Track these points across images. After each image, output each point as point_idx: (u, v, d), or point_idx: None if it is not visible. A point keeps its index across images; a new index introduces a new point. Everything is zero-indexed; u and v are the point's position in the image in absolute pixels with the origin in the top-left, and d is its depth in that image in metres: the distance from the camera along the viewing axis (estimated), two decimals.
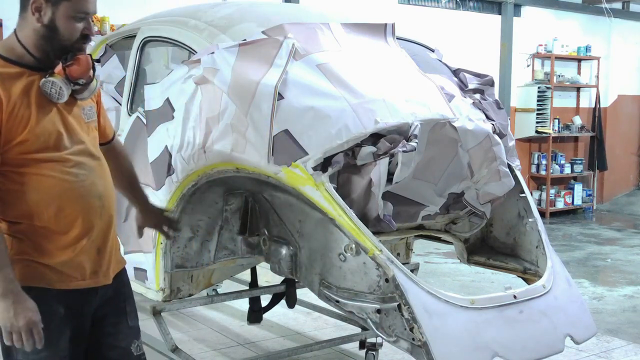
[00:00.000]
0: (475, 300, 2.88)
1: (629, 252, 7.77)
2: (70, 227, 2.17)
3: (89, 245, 2.22)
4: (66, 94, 2.14)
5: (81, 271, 2.22)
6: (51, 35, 2.14)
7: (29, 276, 2.14)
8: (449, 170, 3.46)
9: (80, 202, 2.18)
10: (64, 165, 2.15)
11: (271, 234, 3.43)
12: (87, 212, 2.20)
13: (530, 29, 10.03)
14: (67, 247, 2.18)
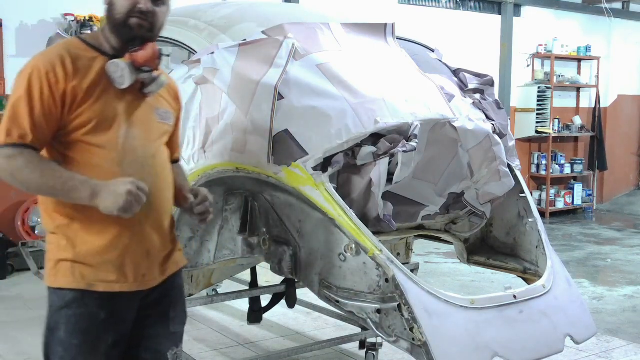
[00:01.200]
0: (475, 300, 2.88)
1: (629, 252, 7.77)
2: (111, 224, 2.05)
3: (134, 246, 2.11)
4: (128, 78, 2.05)
5: (125, 273, 2.11)
6: (110, 12, 2.09)
7: (69, 277, 2.06)
8: (449, 170, 3.46)
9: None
10: (113, 156, 2.06)
11: (271, 234, 3.43)
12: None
13: (530, 29, 10.03)
14: (109, 247, 2.07)
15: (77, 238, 2.06)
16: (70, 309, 2.08)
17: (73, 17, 6.54)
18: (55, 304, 2.11)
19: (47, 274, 2.12)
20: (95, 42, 2.13)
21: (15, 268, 6.20)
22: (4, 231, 6.31)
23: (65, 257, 2.07)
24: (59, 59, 2.02)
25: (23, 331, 4.70)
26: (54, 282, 2.10)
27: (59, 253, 2.08)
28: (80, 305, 2.06)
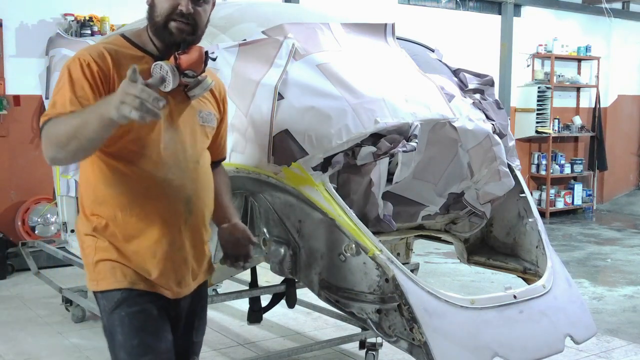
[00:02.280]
0: (475, 300, 2.88)
1: (629, 252, 7.77)
2: (149, 229, 2.00)
3: (173, 253, 2.05)
4: (172, 81, 1.96)
5: (165, 280, 2.05)
6: (151, 13, 2.01)
7: (111, 278, 2.00)
8: (449, 170, 3.46)
9: (164, 203, 2.02)
10: (155, 161, 1.99)
11: (271, 234, 3.42)
12: (170, 216, 2.03)
13: (530, 29, 10.03)
14: (148, 252, 2.01)
15: (116, 241, 2.01)
16: (122, 309, 2.02)
17: (73, 17, 6.54)
18: (106, 308, 2.05)
19: (89, 279, 2.06)
20: (139, 41, 2.06)
21: (15, 268, 6.20)
22: (4, 231, 6.31)
23: (104, 257, 2.01)
24: (101, 54, 1.95)
25: (23, 331, 4.70)
26: (97, 286, 2.03)
27: (98, 254, 2.02)
28: (131, 303, 2.00)
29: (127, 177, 1.97)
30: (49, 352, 4.33)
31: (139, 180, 1.97)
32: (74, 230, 4.94)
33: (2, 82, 6.33)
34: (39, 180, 6.52)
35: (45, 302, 5.35)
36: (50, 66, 5.26)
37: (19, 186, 6.57)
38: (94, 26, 6.55)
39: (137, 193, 1.99)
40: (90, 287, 2.07)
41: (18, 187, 6.58)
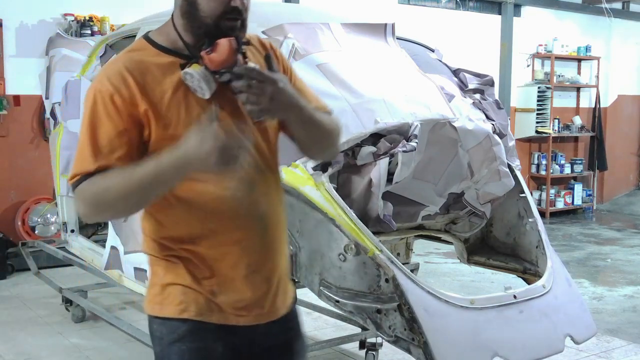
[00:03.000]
0: (475, 300, 2.88)
1: (629, 252, 7.77)
2: (225, 252, 1.79)
3: (251, 274, 1.81)
4: (207, 88, 1.69)
5: (242, 305, 1.82)
6: (191, 11, 1.73)
7: (180, 306, 1.79)
8: (449, 170, 3.46)
9: (237, 222, 1.78)
10: (217, 178, 1.71)
11: None
12: (246, 236, 1.80)
13: (530, 29, 10.03)
14: (225, 276, 1.79)
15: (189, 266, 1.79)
16: (184, 343, 1.80)
17: (73, 17, 6.54)
18: (165, 337, 1.82)
19: (151, 301, 1.84)
20: (166, 41, 1.79)
21: (15, 268, 6.19)
22: (4, 231, 6.31)
23: (176, 281, 1.79)
24: (122, 80, 1.68)
25: (23, 331, 4.70)
26: (161, 311, 1.81)
27: (168, 276, 1.80)
28: (196, 338, 1.80)
29: (192, 202, 1.75)
30: (49, 352, 4.33)
31: (205, 203, 1.75)
32: (74, 230, 4.94)
33: (2, 82, 6.32)
34: (39, 180, 6.52)
35: (45, 302, 5.35)
36: (50, 66, 5.27)
37: (19, 186, 6.57)
38: (94, 26, 6.55)
39: (206, 217, 1.76)
40: (150, 310, 1.84)
41: (18, 187, 6.58)
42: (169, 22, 1.82)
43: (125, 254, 3.87)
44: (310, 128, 1.80)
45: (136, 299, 4.93)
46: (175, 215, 1.77)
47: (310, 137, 1.84)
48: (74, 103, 4.52)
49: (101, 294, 5.35)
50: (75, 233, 4.93)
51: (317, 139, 1.86)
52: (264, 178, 1.82)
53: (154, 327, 1.85)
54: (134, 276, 3.82)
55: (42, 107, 6.19)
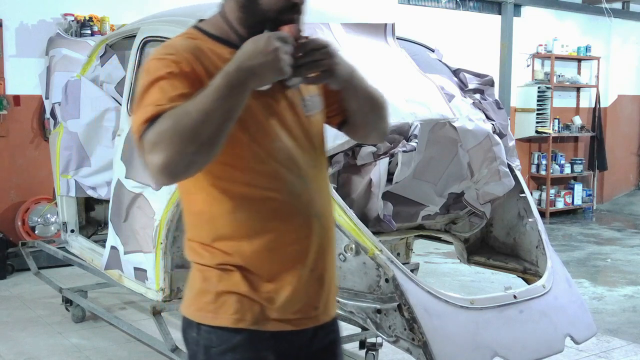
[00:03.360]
0: (475, 300, 2.88)
1: (629, 252, 7.77)
2: (285, 254, 1.73)
3: (307, 275, 1.76)
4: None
5: (299, 308, 1.76)
6: (249, 4, 1.69)
7: (236, 315, 1.71)
8: (449, 170, 3.47)
9: (297, 222, 1.72)
10: (274, 174, 1.69)
11: None
12: (305, 235, 1.74)
13: (530, 29, 10.03)
14: (283, 278, 1.73)
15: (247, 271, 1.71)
16: (236, 353, 1.73)
17: (73, 17, 6.54)
18: (215, 346, 1.74)
19: (202, 309, 1.74)
20: (219, 33, 1.75)
21: (15, 268, 6.19)
22: (4, 231, 6.31)
23: (231, 289, 1.71)
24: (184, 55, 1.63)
25: (23, 331, 4.70)
26: (215, 320, 1.73)
27: (223, 283, 1.72)
28: (249, 348, 1.73)
29: (248, 200, 1.69)
30: (49, 352, 4.33)
31: (263, 202, 1.69)
32: (74, 230, 4.94)
33: (2, 82, 6.32)
34: (39, 180, 6.52)
35: (45, 302, 5.35)
36: (50, 66, 5.27)
37: (19, 186, 6.57)
38: (94, 26, 6.55)
39: (264, 217, 1.70)
40: (199, 318, 1.75)
41: (18, 187, 6.58)
42: (217, 16, 1.79)
43: (125, 254, 3.87)
44: (364, 102, 1.81)
45: (136, 299, 4.93)
46: (235, 216, 1.69)
47: (364, 113, 1.83)
48: (74, 103, 4.52)
49: (101, 294, 5.35)
50: (75, 233, 4.93)
51: (369, 115, 1.85)
52: (317, 175, 1.79)
53: (201, 334, 1.75)
54: (134, 276, 3.82)
55: (42, 107, 6.19)
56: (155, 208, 3.55)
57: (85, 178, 4.62)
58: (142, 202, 3.66)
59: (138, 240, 3.73)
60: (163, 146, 1.47)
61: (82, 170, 4.60)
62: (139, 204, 3.69)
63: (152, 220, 3.56)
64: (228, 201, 1.68)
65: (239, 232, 1.70)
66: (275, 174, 1.69)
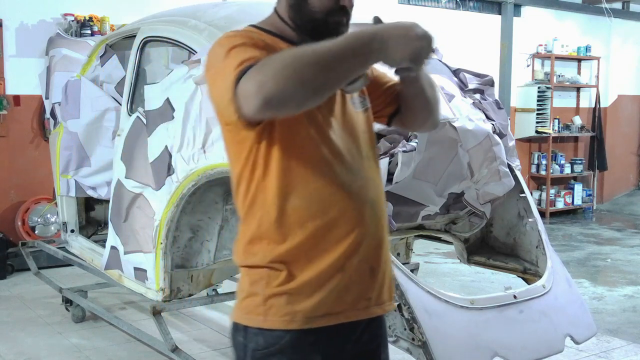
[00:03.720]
0: (475, 300, 2.88)
1: (629, 252, 7.77)
2: (339, 242, 1.69)
3: (358, 264, 1.72)
4: None
5: (350, 299, 1.73)
6: (298, 4, 1.73)
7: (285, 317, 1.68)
8: (449, 170, 3.46)
9: (350, 208, 1.70)
10: (331, 161, 1.69)
11: None
12: (359, 222, 1.72)
13: (530, 29, 10.03)
14: (336, 268, 1.69)
15: (297, 267, 1.68)
16: (284, 355, 1.70)
17: (73, 17, 6.54)
18: (261, 348, 1.71)
19: (252, 311, 1.72)
20: (277, 31, 1.79)
21: (15, 268, 6.19)
22: (4, 231, 6.31)
23: (281, 291, 1.68)
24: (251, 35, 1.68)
25: (23, 331, 4.70)
26: (264, 322, 1.70)
27: (272, 286, 1.69)
28: (296, 350, 1.70)
29: (308, 185, 1.67)
30: (49, 352, 4.33)
31: (323, 187, 1.68)
32: (73, 230, 4.95)
33: (2, 82, 6.32)
34: (39, 180, 6.52)
35: (45, 302, 5.35)
36: (50, 66, 5.27)
37: (19, 186, 6.57)
38: (94, 26, 6.55)
39: (322, 202, 1.68)
40: (247, 320, 1.73)
41: (18, 187, 6.58)
42: (273, 15, 1.84)
43: (125, 254, 3.87)
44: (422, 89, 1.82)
45: (136, 299, 4.93)
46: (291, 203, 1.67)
47: (420, 100, 1.85)
48: (74, 103, 4.52)
49: (101, 294, 5.35)
50: (75, 233, 4.93)
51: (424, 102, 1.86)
52: (370, 165, 1.80)
53: (248, 337, 1.73)
54: (134, 276, 3.82)
55: (42, 107, 6.19)
56: (155, 208, 3.55)
57: (85, 178, 4.62)
58: (142, 202, 3.66)
59: (138, 240, 3.73)
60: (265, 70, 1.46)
61: (82, 170, 4.60)
62: (139, 204, 3.69)
63: (152, 220, 3.56)
64: (289, 186, 1.67)
65: (296, 216, 1.67)
66: (328, 161, 1.68)
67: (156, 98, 3.45)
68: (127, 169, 3.75)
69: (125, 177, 3.77)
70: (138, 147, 3.65)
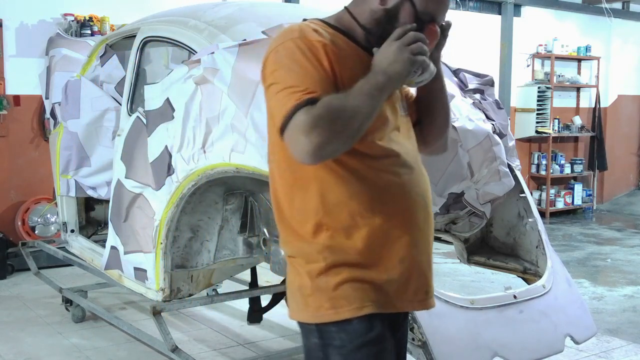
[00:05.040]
0: (475, 300, 2.88)
1: (629, 252, 7.77)
2: (394, 230, 1.72)
3: (417, 255, 1.76)
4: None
5: (412, 290, 1.76)
6: (387, 22, 1.75)
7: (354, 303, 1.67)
8: (449, 170, 3.46)
9: (411, 202, 1.76)
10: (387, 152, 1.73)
11: (271, 234, 3.43)
12: (415, 213, 1.77)
13: (530, 29, 10.03)
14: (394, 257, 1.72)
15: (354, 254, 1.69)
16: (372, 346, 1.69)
17: (73, 17, 6.54)
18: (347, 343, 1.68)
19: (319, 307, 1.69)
20: (345, 29, 1.80)
21: (15, 268, 6.19)
22: (4, 231, 6.31)
23: (346, 278, 1.67)
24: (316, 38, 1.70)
25: (23, 331, 4.70)
26: (337, 315, 1.67)
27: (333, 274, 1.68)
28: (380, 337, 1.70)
29: (365, 173, 1.70)
30: (49, 352, 4.33)
31: (378, 176, 1.71)
32: (73, 230, 4.94)
33: (2, 82, 6.32)
34: (39, 180, 6.52)
35: (45, 302, 5.35)
36: (50, 66, 5.26)
37: (19, 186, 6.57)
38: (94, 26, 6.55)
39: (378, 190, 1.71)
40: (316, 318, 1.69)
41: (18, 187, 6.58)
42: (344, 14, 1.86)
43: (125, 254, 3.87)
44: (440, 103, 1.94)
45: (136, 299, 4.93)
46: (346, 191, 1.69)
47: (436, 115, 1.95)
48: (74, 103, 4.52)
49: (101, 294, 5.35)
50: (75, 233, 4.93)
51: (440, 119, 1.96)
52: (417, 161, 1.84)
53: (326, 336, 1.69)
54: (134, 276, 3.82)
55: (42, 107, 6.19)
56: (155, 208, 3.55)
57: (85, 178, 4.62)
58: (142, 202, 3.66)
59: (138, 240, 3.73)
60: (319, 131, 1.55)
61: (82, 170, 4.60)
62: (139, 204, 3.69)
63: (152, 220, 3.56)
64: (345, 174, 1.70)
65: (351, 205, 1.69)
66: (388, 153, 1.73)
67: (156, 98, 3.45)
68: (127, 169, 3.75)
69: (125, 177, 3.77)
70: (138, 147, 3.65)
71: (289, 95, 1.61)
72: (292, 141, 1.59)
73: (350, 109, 1.58)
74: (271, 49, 1.74)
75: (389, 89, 1.65)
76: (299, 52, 1.66)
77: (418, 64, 1.65)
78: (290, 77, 1.64)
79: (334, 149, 1.59)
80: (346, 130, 1.58)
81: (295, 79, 1.63)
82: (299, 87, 1.61)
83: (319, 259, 1.69)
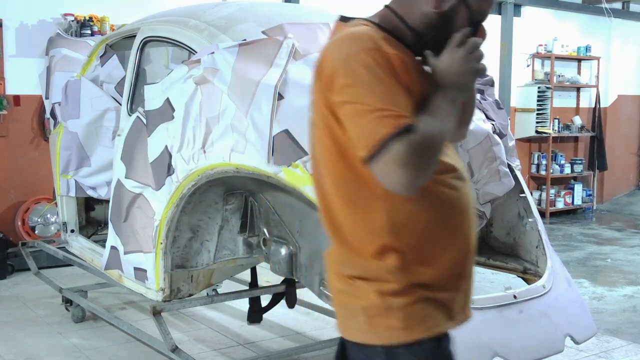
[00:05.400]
0: (475, 300, 2.87)
1: (629, 252, 7.77)
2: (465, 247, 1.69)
3: (470, 269, 1.73)
4: None
5: (462, 302, 1.71)
6: (439, 26, 1.66)
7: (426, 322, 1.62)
8: None
9: (467, 213, 1.71)
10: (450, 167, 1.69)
11: (271, 234, 3.43)
12: (473, 227, 1.73)
13: (530, 29, 10.03)
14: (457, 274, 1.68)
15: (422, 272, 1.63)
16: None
17: (73, 17, 6.54)
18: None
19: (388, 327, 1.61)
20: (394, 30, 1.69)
21: (15, 268, 6.19)
22: (4, 231, 6.31)
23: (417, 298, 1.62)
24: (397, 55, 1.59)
25: (23, 331, 4.70)
26: (411, 335, 1.60)
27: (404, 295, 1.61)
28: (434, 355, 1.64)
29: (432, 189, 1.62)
30: (49, 352, 4.33)
31: (442, 192, 1.65)
32: (74, 230, 4.94)
33: (2, 82, 6.32)
34: (39, 180, 6.52)
35: (45, 302, 5.35)
36: (50, 66, 5.27)
37: (19, 186, 6.57)
38: (94, 26, 6.55)
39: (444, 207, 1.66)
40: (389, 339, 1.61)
41: (18, 187, 6.58)
42: (387, 13, 1.73)
43: (125, 254, 3.87)
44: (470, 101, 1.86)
45: (136, 299, 4.93)
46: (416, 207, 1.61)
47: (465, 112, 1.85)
48: (74, 103, 4.52)
49: (101, 294, 5.35)
50: (75, 233, 4.93)
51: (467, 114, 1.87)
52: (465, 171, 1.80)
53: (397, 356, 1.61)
54: (134, 276, 3.82)
55: (42, 107, 6.19)
56: (155, 208, 3.55)
57: (85, 178, 4.62)
58: (142, 202, 3.66)
59: (138, 240, 3.73)
60: (417, 161, 1.48)
61: (82, 170, 4.60)
62: (139, 204, 3.69)
63: (152, 220, 3.56)
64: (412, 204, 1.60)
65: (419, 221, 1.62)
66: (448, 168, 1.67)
67: (156, 98, 3.45)
68: (127, 169, 3.75)
69: (125, 177, 3.77)
70: (138, 147, 3.65)
71: (379, 120, 1.47)
72: (386, 172, 1.48)
73: (439, 133, 1.53)
74: (339, 58, 1.57)
75: (459, 101, 1.62)
76: (379, 68, 1.53)
77: (482, 73, 1.62)
78: (374, 98, 1.50)
79: (429, 176, 1.53)
80: (438, 154, 1.54)
81: (380, 101, 1.49)
82: (387, 110, 1.48)
83: (389, 279, 1.61)
